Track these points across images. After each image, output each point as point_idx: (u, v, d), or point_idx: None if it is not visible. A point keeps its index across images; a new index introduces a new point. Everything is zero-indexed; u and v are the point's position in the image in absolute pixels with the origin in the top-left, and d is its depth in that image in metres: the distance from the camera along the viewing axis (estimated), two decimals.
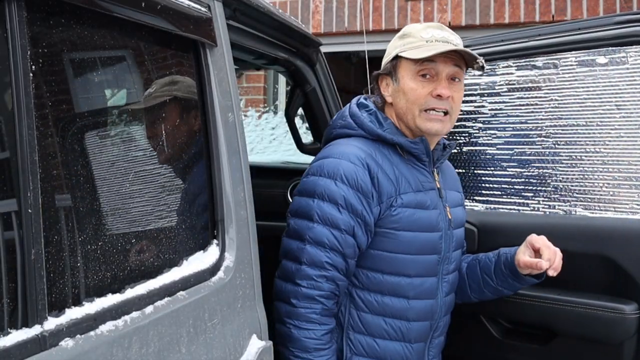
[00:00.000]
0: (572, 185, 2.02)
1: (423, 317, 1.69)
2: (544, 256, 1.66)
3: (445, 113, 1.63)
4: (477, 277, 1.83)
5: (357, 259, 1.64)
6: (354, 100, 1.77)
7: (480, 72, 1.71)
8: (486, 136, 2.26)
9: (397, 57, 1.67)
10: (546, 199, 2.08)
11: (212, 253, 1.34)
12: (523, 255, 1.70)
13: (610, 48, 1.98)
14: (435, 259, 1.69)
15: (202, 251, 1.33)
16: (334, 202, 1.56)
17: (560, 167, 2.06)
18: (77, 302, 0.97)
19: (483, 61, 1.64)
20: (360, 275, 1.66)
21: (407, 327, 1.66)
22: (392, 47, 1.71)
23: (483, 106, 2.28)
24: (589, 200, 1.98)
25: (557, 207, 2.05)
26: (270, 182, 3.01)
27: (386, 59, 1.73)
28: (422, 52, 1.60)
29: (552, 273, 1.67)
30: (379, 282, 1.65)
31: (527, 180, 2.13)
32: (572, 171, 2.03)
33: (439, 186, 1.73)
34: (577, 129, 2.04)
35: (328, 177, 1.58)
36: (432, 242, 1.67)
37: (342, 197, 1.55)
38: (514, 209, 2.15)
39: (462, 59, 1.64)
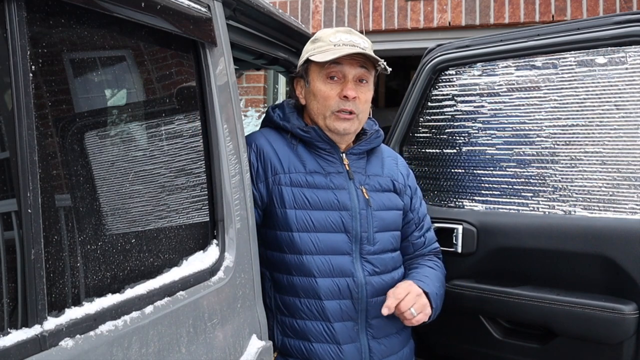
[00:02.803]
0: (571, 185, 2.02)
1: (337, 295, 1.71)
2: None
3: (351, 112, 1.74)
4: None
5: (265, 242, 1.75)
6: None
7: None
8: (486, 136, 2.26)
9: (307, 61, 1.78)
10: (546, 199, 2.08)
11: (212, 253, 1.34)
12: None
13: (609, 48, 1.98)
14: (344, 238, 1.72)
15: (202, 251, 1.33)
16: None
17: (559, 167, 2.06)
18: (77, 302, 0.97)
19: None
20: (270, 257, 1.75)
21: (321, 305, 1.70)
22: (305, 51, 1.84)
23: (482, 106, 2.28)
24: (589, 200, 1.98)
25: (556, 207, 2.05)
26: None
27: (299, 63, 1.86)
28: (328, 55, 1.71)
29: (385, 311, 1.66)
30: (285, 263, 1.72)
31: (526, 180, 2.13)
32: (571, 171, 2.03)
33: (348, 169, 1.79)
34: (576, 129, 2.04)
35: None
36: (336, 220, 1.72)
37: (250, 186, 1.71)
38: (514, 209, 2.15)
39: (368, 61, 1.75)
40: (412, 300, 1.68)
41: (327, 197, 1.73)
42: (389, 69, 1.77)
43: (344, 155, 1.81)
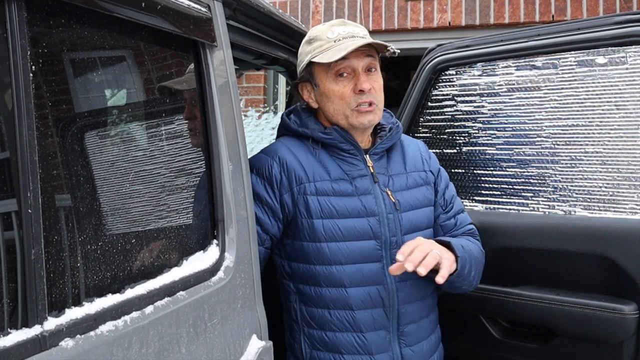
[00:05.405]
0: (571, 186, 2.02)
1: (369, 304, 1.67)
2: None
3: (371, 104, 1.70)
4: None
5: (290, 254, 1.72)
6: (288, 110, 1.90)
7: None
8: (486, 136, 2.26)
9: (310, 63, 1.72)
10: (546, 199, 2.08)
11: (212, 253, 1.34)
12: None
13: (609, 48, 1.98)
14: (373, 244, 1.68)
15: (202, 251, 1.33)
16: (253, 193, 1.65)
17: (560, 167, 2.06)
18: (77, 302, 0.97)
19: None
20: (297, 269, 1.72)
21: (352, 316, 1.67)
22: (303, 54, 1.76)
23: (482, 106, 2.28)
24: (589, 200, 1.98)
25: (556, 207, 2.05)
26: None
27: (300, 67, 1.79)
28: (333, 54, 1.65)
29: (409, 267, 1.52)
30: (313, 274, 1.68)
31: (526, 180, 2.13)
32: (571, 171, 2.03)
33: (372, 171, 1.73)
34: (576, 129, 2.04)
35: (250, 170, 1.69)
36: (363, 227, 1.67)
37: (251, 187, 1.65)
38: (514, 209, 2.15)
39: (372, 48, 1.70)
40: (424, 249, 1.55)
41: (354, 204, 1.68)
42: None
43: (367, 156, 1.75)
